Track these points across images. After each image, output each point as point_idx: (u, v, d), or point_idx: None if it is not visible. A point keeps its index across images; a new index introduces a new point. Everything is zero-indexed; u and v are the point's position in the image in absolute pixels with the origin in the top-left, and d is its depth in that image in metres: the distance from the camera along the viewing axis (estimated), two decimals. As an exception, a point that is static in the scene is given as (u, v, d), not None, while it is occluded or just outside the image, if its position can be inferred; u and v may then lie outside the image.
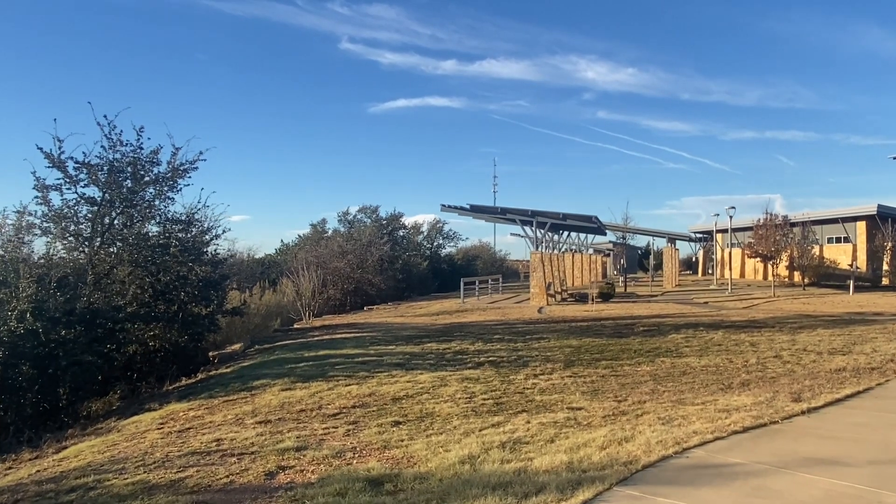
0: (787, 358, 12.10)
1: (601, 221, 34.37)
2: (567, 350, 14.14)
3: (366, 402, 9.13)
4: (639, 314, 23.51)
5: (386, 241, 49.37)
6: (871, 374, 9.91)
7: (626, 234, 52.07)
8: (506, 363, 12.48)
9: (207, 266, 17.71)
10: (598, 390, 9.57)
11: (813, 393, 8.42)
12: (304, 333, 21.13)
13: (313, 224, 51.73)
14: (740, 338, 15.46)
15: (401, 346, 15.51)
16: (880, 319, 19.52)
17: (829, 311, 23.59)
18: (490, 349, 14.65)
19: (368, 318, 27.37)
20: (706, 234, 66.50)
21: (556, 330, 18.52)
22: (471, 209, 31.10)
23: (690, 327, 18.21)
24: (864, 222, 46.57)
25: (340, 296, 37.80)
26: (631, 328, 18.52)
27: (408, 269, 54.24)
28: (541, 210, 29.06)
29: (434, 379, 10.71)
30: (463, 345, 15.45)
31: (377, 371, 11.79)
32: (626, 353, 13.58)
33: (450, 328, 20.07)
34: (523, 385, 10.11)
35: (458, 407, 8.57)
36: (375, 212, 53.68)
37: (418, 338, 17.27)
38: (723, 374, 10.72)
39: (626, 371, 11.31)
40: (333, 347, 15.96)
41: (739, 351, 13.27)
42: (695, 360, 12.32)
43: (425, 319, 24.28)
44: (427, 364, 12.52)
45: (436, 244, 69.95)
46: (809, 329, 16.94)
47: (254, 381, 11.57)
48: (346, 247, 40.44)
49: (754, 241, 41.03)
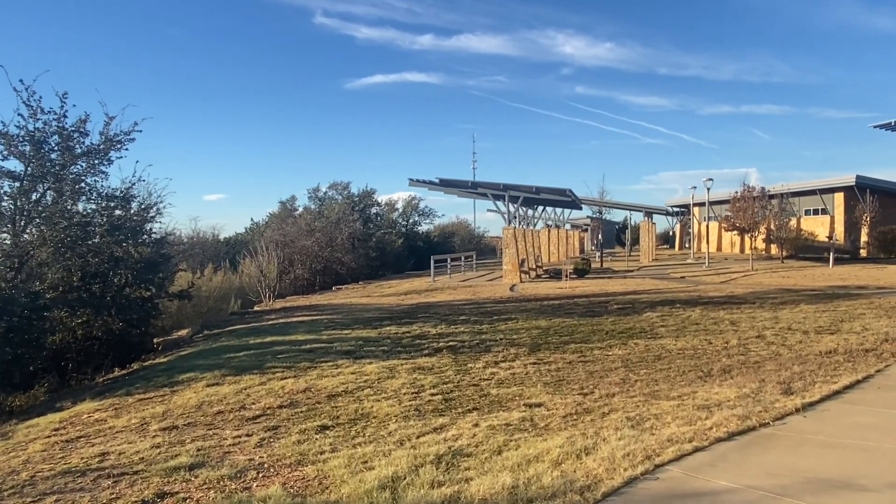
0: (771, 338, 11.11)
1: (575, 195, 33.28)
2: (534, 332, 13.05)
3: (297, 401, 7.94)
4: (613, 291, 22.54)
5: (357, 218, 47.96)
6: (866, 357, 8.92)
7: (602, 209, 51.11)
8: (466, 349, 11.35)
9: (148, 246, 16.32)
10: (563, 380, 8.48)
11: (805, 382, 7.38)
12: (261, 317, 19.85)
13: (282, 201, 50.20)
14: (719, 315, 14.49)
15: (357, 331, 14.32)
16: (864, 293, 18.71)
17: (810, 284, 22.79)
18: (452, 332, 13.51)
19: (333, 298, 26.12)
20: (683, 207, 65.91)
21: (526, 310, 17.45)
22: (440, 183, 29.80)
23: (666, 304, 17.24)
24: (843, 194, 46.07)
25: (308, 275, 36.47)
26: (604, 306, 17.51)
27: (382, 246, 52.97)
28: (513, 184, 27.87)
29: (382, 370, 9.55)
30: (424, 328, 14.31)
31: (322, 361, 10.60)
32: (597, 334, 12.53)
33: (415, 309, 18.91)
34: (480, 375, 8.99)
35: (401, 405, 7.41)
36: (347, 188, 52.17)
37: (378, 320, 16.10)
38: (701, 358, 9.69)
39: (595, 356, 10.23)
40: (284, 332, 14.73)
41: (719, 331, 12.27)
42: (671, 341, 11.29)
43: (392, 300, 23.11)
44: (379, 351, 11.34)
45: (411, 221, 68.65)
46: (792, 305, 16.02)
47: (181, 375, 10.33)
48: (314, 224, 38.97)
49: (732, 215, 40.28)
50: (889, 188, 45.65)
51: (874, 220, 42.06)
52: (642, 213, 56.09)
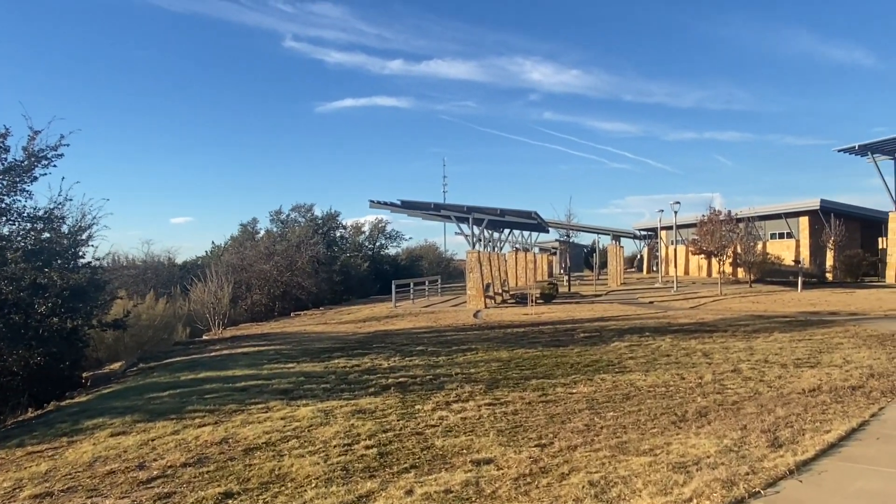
0: (748, 373, 10.23)
1: (541, 218, 32.54)
2: (494, 365, 12.01)
3: (207, 456, 6.75)
4: (581, 317, 21.67)
5: (320, 241, 46.65)
6: (854, 396, 8.05)
7: (569, 232, 50.61)
8: (417, 386, 10.25)
9: (76, 272, 14.95)
10: (520, 426, 7.43)
11: (793, 431, 6.45)
12: (205, 347, 18.48)
13: (243, 224, 48.55)
14: (690, 345, 13.63)
15: (302, 364, 13.13)
16: (838, 320, 18.09)
17: (781, 310, 22.20)
18: (406, 365, 12.41)
19: (288, 326, 24.79)
20: (650, 231, 65.90)
21: (488, 339, 16.44)
22: (402, 205, 28.79)
23: (635, 332, 16.37)
24: (807, 218, 46.24)
25: (267, 301, 35.02)
26: (571, 335, 16.58)
27: (346, 270, 51.66)
28: (477, 206, 26.99)
29: (317, 414, 8.40)
30: (376, 360, 13.18)
31: (252, 402, 9.40)
32: (561, 367, 11.54)
33: (371, 338, 17.77)
34: (427, 420, 7.89)
35: (327, 463, 6.28)
36: (310, 211, 50.85)
37: (329, 352, 14.93)
38: (674, 397, 8.73)
39: (558, 394, 9.22)
40: (222, 367, 13.46)
41: (691, 363, 11.37)
42: (640, 376, 10.35)
43: (349, 327, 21.91)
44: (320, 390, 10.17)
45: (378, 244, 67.53)
46: (765, 333, 15.26)
47: (88, 420, 9.04)
48: (273, 248, 37.57)
49: (699, 238, 39.99)
50: (852, 212, 45.95)
51: (839, 244, 42.14)
52: (610, 236, 55.77)
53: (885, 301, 24.26)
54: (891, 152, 40.42)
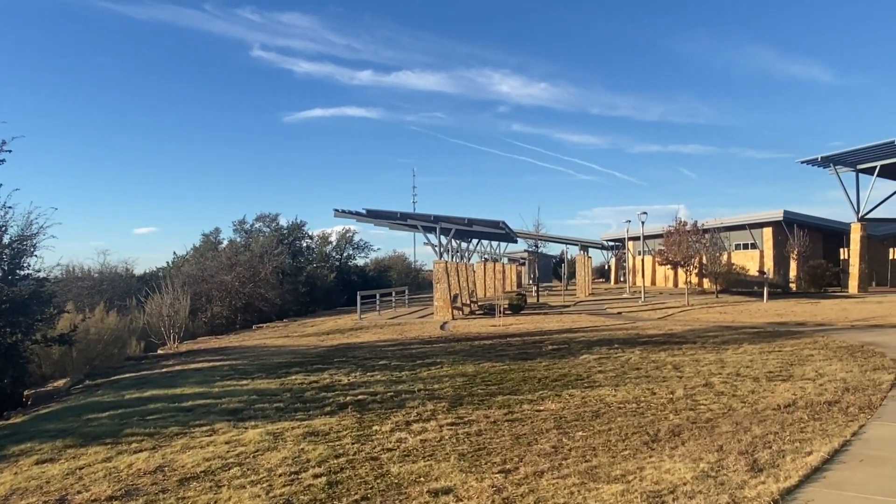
0: (720, 387, 9.89)
1: (510, 227, 32.22)
2: (459, 381, 11.50)
3: (137, 488, 6.11)
4: (549, 329, 21.29)
5: (285, 251, 45.70)
6: (830, 412, 7.72)
7: (538, 242, 50.47)
8: (376, 404, 9.69)
9: (15, 284, 14.07)
10: (483, 449, 6.92)
11: (772, 452, 6.06)
12: (157, 363, 17.60)
13: (206, 234, 47.18)
14: (660, 358, 13.30)
15: (257, 381, 12.45)
16: (805, 331, 17.98)
17: (748, 321, 22.11)
18: (366, 382, 11.83)
19: (248, 339, 23.95)
20: (618, 241, 66.24)
21: (454, 352, 15.93)
22: (368, 214, 28.18)
23: (604, 344, 16.03)
24: (771, 228, 46.81)
25: (228, 313, 33.97)
26: (539, 347, 16.16)
27: (312, 281, 50.73)
28: (445, 215, 26.55)
29: (265, 437, 7.78)
30: (336, 376, 12.57)
31: (197, 424, 8.73)
32: (528, 382, 11.08)
33: (332, 352, 17.12)
34: (384, 443, 7.33)
35: (269, 495, 5.69)
36: (275, 220, 49.80)
37: (287, 367, 14.26)
38: (645, 414, 8.32)
39: (525, 412, 8.74)
40: (171, 384, 12.69)
41: (662, 377, 11.00)
42: (610, 391, 9.93)
43: (311, 340, 21.20)
44: (272, 410, 9.54)
45: (345, 255, 66.68)
46: (735, 345, 15.02)
47: (16, 445, 8.27)
48: (235, 258, 36.57)
49: (665, 249, 40.11)
50: (814, 224, 46.64)
51: (803, 255, 42.66)
52: (578, 246, 55.81)
53: (850, 311, 24.39)
54: (852, 164, 41.13)
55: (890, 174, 42.04)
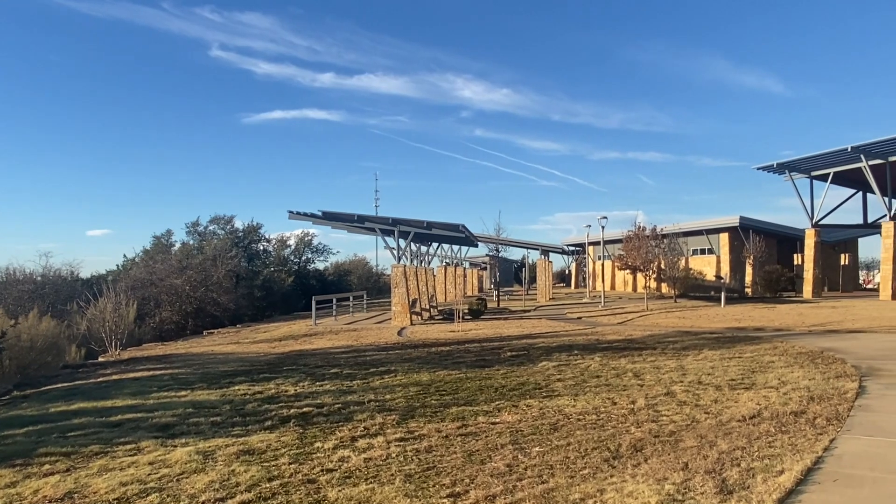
0: (682, 396, 9.51)
1: (470, 231, 31.78)
2: (413, 390, 10.92)
3: (36, 521, 5.37)
4: (508, 334, 20.87)
5: (240, 254, 44.49)
6: (798, 424, 7.37)
7: (499, 246, 50.20)
8: (321, 417, 9.05)
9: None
10: (432, 469, 6.36)
11: (742, 472, 5.63)
12: (94, 372, 16.58)
13: (157, 236, 45.64)
14: (621, 365, 12.94)
15: (197, 392, 11.67)
16: (764, 336, 17.89)
17: (707, 326, 22.03)
18: (314, 392, 11.16)
19: (196, 346, 22.96)
20: (578, 246, 66.53)
21: (410, 359, 15.34)
22: (324, 217, 27.39)
23: (564, 350, 15.64)
24: (728, 234, 47.41)
25: (178, 318, 32.80)
26: (497, 353, 15.68)
27: (269, 285, 49.61)
28: (403, 218, 25.92)
29: (194, 457, 7.08)
30: (283, 386, 11.87)
31: (122, 442, 7.96)
32: (485, 392, 10.57)
33: (283, 359, 16.37)
34: (325, 463, 6.71)
35: (186, 527, 5.02)
36: (230, 223, 48.46)
37: (232, 376, 13.49)
38: (605, 427, 7.86)
39: (479, 425, 8.21)
40: (103, 396, 11.81)
41: (622, 386, 10.60)
42: (569, 401, 9.48)
43: (262, 347, 20.37)
44: (208, 424, 8.81)
45: (304, 258, 65.55)
46: (695, 350, 14.78)
47: (-89, 470, 7.39)
48: (186, 261, 35.31)
49: (625, 253, 40.20)
50: (769, 229, 47.42)
51: (759, 260, 43.25)
52: (539, 251, 55.75)
53: (806, 316, 24.57)
54: (807, 171, 41.88)
55: (842, 181, 42.98)
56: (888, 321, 21.32)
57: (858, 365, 11.76)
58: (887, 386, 9.56)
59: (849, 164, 38.59)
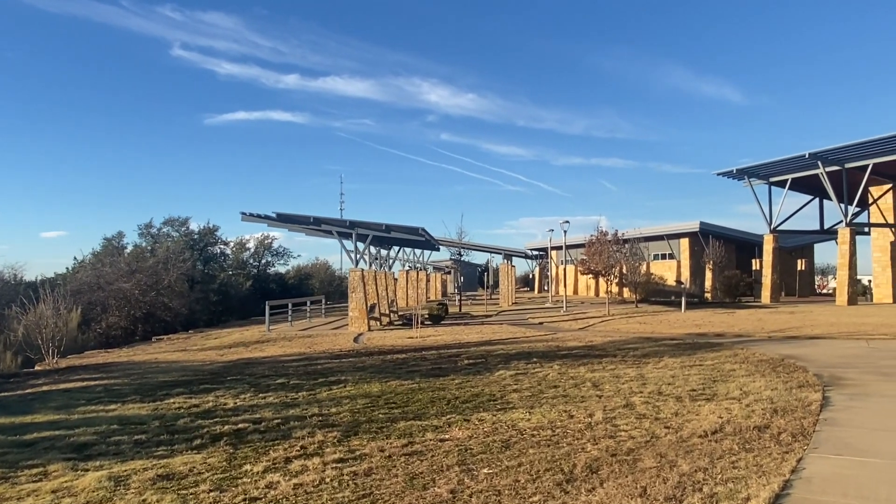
0: (642, 408, 9.06)
1: (430, 235, 31.19)
2: (360, 403, 10.29)
3: None
4: (468, 340, 20.33)
5: (195, 257, 43.15)
6: (762, 441, 6.95)
7: (462, 251, 49.71)
8: (257, 434, 8.35)
9: None
10: (368, 497, 5.75)
11: (704, 498, 5.15)
12: (25, 382, 15.52)
13: (107, 238, 43.77)
14: (579, 374, 12.48)
15: (128, 405, 10.86)
16: (725, 342, 17.68)
17: (668, 332, 21.82)
18: (255, 405, 10.45)
19: (140, 354, 21.90)
20: (542, 251, 66.51)
21: (363, 367, 14.69)
22: (278, 218, 26.50)
23: (522, 358, 15.17)
24: (688, 239, 47.73)
25: (126, 324, 31.46)
26: (454, 362, 15.13)
27: (226, 290, 48.31)
28: (361, 220, 25.22)
29: (105, 483, 6.33)
30: (223, 398, 11.13)
31: (29, 465, 7.16)
32: (437, 404, 10.00)
33: (228, 369, 15.56)
34: (250, 490, 6.04)
35: (71, 575, 4.32)
36: (185, 224, 46.90)
37: (170, 387, 12.67)
38: (560, 444, 7.34)
39: (427, 442, 7.62)
40: (24, 410, 10.90)
41: (580, 397, 10.12)
42: (524, 414, 8.96)
43: (210, 355, 19.46)
44: (129, 444, 8.04)
45: (264, 262, 64.09)
46: (655, 358, 14.43)
47: None
48: (136, 265, 33.97)
49: (587, 258, 40.12)
50: (729, 234, 47.89)
51: (718, 265, 43.58)
52: (502, 255, 55.46)
53: (765, 322, 24.57)
54: (766, 177, 42.36)
55: (800, 188, 43.59)
56: (846, 327, 21.39)
57: (820, 373, 11.50)
58: (851, 396, 9.26)
59: (806, 171, 39.11)
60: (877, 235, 39.80)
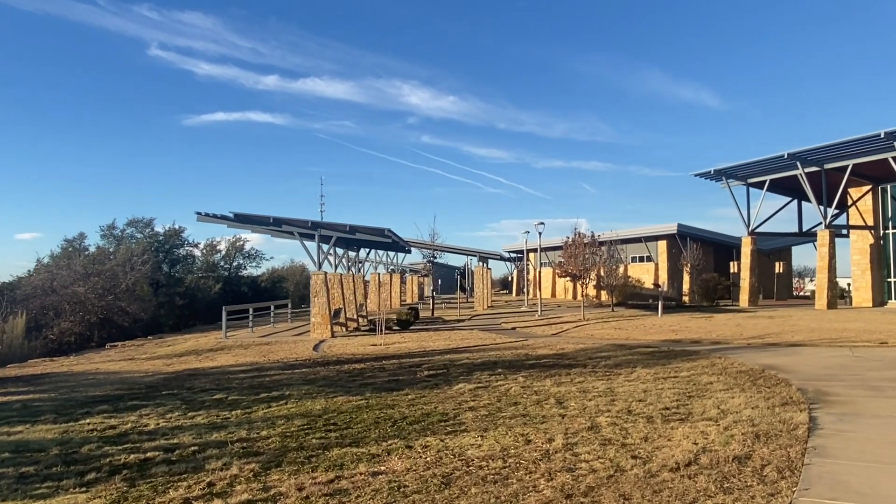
0: (608, 431, 8.05)
1: (398, 236, 30.08)
2: (296, 424, 9.17)
3: None
4: (433, 348, 19.27)
5: (160, 259, 41.64)
6: (743, 477, 5.95)
7: (435, 253, 48.63)
8: (165, 466, 7.20)
9: None
10: (263, 558, 4.65)
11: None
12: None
13: (68, 240, 41.97)
14: (544, 387, 11.47)
15: (38, 426, 9.66)
16: (702, 350, 16.78)
17: (643, 338, 20.91)
18: (179, 426, 9.30)
19: (83, 362, 20.53)
20: (519, 253, 65.66)
21: (314, 379, 13.58)
22: (236, 219, 25.20)
23: (487, 368, 14.15)
24: (666, 242, 47.12)
25: (81, 329, 29.98)
26: (414, 372, 14.06)
27: (193, 293, 46.78)
28: (324, 221, 24.06)
29: (-54, 538, 5.17)
30: (147, 418, 9.96)
31: None
32: (381, 425, 8.91)
33: (169, 381, 14.34)
34: (121, 548, 4.91)
35: None
36: (150, 226, 45.22)
37: (95, 403, 11.47)
38: (510, 479, 6.29)
39: (356, 478, 6.53)
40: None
41: (541, 417, 9.09)
42: (475, 438, 7.91)
43: (156, 364, 18.19)
44: (11, 479, 6.86)
45: (235, 265, 62.52)
46: (628, 369, 13.47)
47: None
48: (92, 267, 32.44)
49: (564, 261, 39.22)
50: (707, 237, 47.34)
51: (696, 268, 42.94)
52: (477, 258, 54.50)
53: (744, 327, 23.76)
54: (744, 178, 41.80)
55: (778, 189, 43.10)
56: (827, 333, 20.63)
57: (805, 388, 10.58)
58: (841, 417, 8.32)
59: (785, 172, 38.57)
60: (856, 238, 39.37)
